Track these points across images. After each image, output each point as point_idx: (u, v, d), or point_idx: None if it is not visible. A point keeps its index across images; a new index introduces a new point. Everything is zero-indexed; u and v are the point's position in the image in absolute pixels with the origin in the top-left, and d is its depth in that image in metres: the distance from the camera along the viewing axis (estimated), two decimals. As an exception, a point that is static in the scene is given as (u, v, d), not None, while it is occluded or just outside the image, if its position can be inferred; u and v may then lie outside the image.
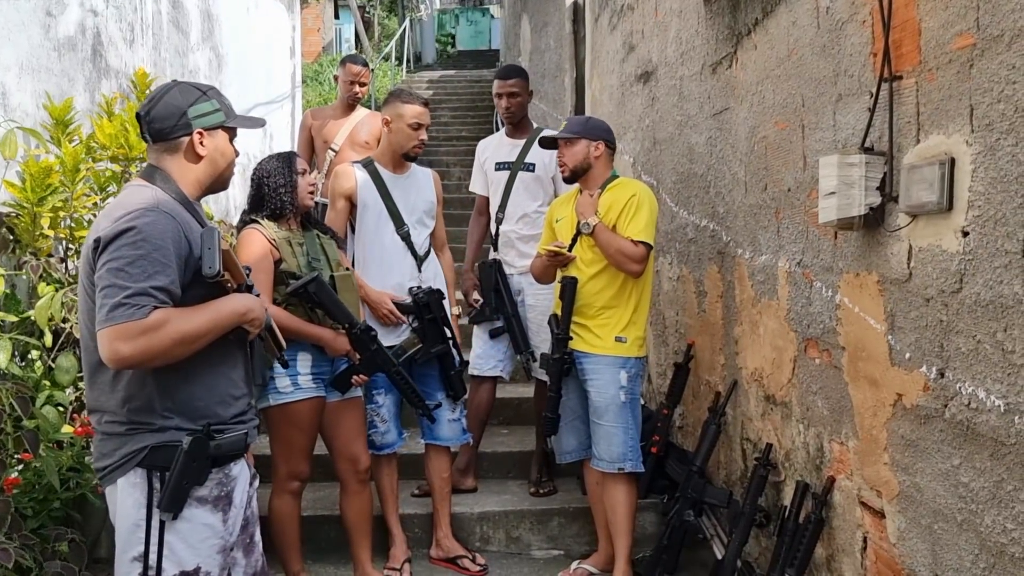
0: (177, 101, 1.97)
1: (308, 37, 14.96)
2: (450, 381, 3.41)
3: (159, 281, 1.78)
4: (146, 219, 1.81)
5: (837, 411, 2.59)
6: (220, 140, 2.02)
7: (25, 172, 3.09)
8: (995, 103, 1.81)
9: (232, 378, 2.00)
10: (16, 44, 3.37)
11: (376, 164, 3.46)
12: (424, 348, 3.34)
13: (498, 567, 3.57)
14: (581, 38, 6.85)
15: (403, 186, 3.46)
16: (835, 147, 2.49)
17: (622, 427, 3.18)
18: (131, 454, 1.87)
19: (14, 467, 2.73)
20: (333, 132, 4.74)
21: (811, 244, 2.71)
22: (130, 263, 1.76)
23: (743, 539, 2.99)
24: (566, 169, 3.26)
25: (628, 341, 3.21)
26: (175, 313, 1.80)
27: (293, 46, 8.46)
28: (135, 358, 1.76)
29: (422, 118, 3.38)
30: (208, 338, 1.86)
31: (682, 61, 3.94)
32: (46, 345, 2.98)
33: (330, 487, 3.88)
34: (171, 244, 1.81)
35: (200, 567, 1.91)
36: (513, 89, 3.96)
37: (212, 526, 1.93)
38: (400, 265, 3.42)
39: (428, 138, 3.48)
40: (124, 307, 1.73)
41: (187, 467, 1.85)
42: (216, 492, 1.94)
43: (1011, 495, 1.80)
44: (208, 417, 1.92)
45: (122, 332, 1.73)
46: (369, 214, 3.40)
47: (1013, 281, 1.77)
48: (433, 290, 3.38)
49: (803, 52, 2.71)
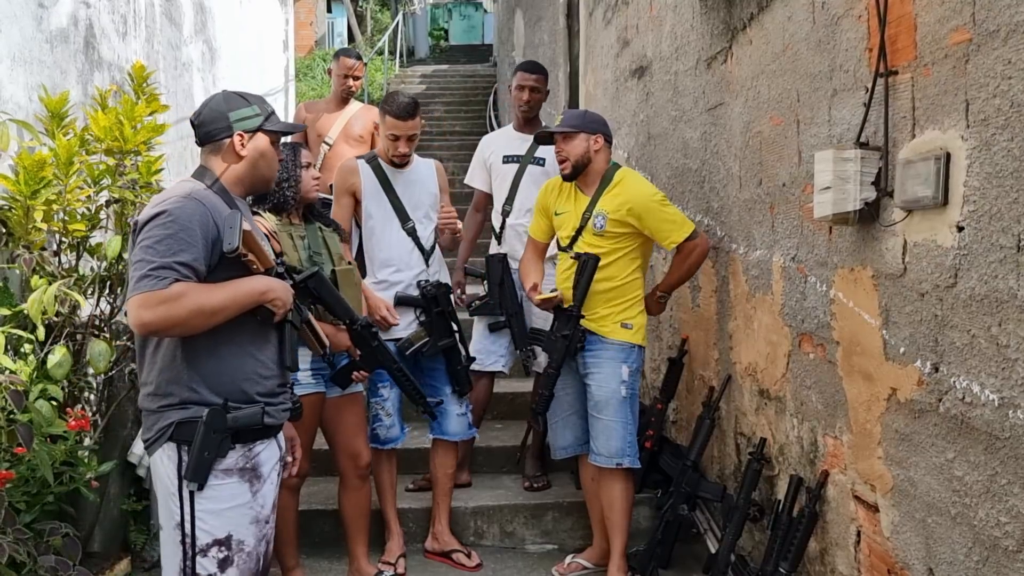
0: (221, 107, 2.16)
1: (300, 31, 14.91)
2: (456, 376, 3.41)
3: (183, 257, 1.93)
4: (177, 204, 1.98)
5: (831, 405, 2.60)
6: (260, 142, 2.17)
7: (18, 165, 3.07)
8: (991, 98, 1.82)
9: (260, 358, 2.10)
10: (8, 36, 3.35)
11: (379, 159, 3.45)
12: (431, 342, 3.34)
13: (492, 561, 3.57)
14: (575, 33, 6.84)
15: (406, 181, 3.44)
16: (830, 142, 2.49)
17: (621, 422, 3.16)
18: (163, 429, 2.02)
19: (7, 461, 2.72)
20: (327, 126, 4.73)
21: (805, 239, 2.72)
22: (158, 241, 1.93)
23: (737, 533, 3.00)
24: (567, 165, 3.21)
25: (634, 328, 3.19)
26: (195, 287, 1.94)
27: (286, 39, 8.44)
28: (155, 324, 1.91)
29: (397, 130, 3.31)
30: (227, 312, 1.99)
31: (677, 56, 3.94)
32: (39, 339, 2.96)
33: (325, 482, 3.88)
34: (198, 226, 1.97)
35: (232, 535, 2.03)
36: (537, 84, 4.00)
37: (239, 496, 2.04)
38: (407, 260, 3.41)
39: (420, 131, 3.45)
40: (148, 278, 1.90)
41: (207, 438, 1.98)
42: (241, 464, 2.05)
43: (1005, 489, 1.81)
44: (232, 393, 2.04)
45: (145, 300, 1.89)
46: (374, 210, 3.39)
47: (1008, 276, 1.78)
48: (441, 284, 3.38)
49: (798, 47, 2.71)
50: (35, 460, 2.73)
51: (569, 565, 3.41)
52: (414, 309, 3.37)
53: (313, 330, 2.32)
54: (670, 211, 3.17)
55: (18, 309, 3.00)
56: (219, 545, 2.02)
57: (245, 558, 2.05)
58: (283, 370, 2.18)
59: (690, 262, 3.24)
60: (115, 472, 3.31)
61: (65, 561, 2.65)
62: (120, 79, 4.16)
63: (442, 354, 3.39)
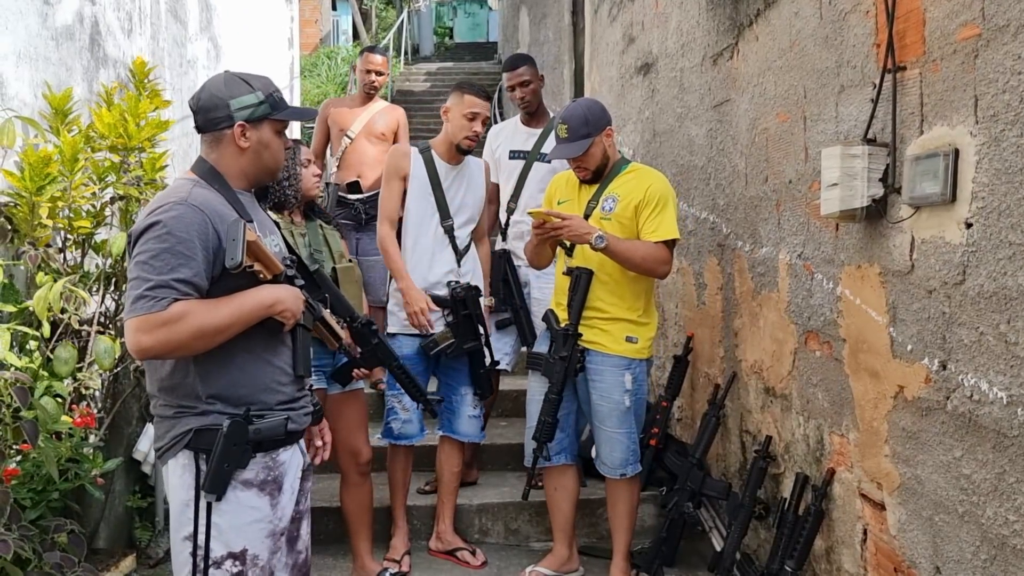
0: (221, 92, 1.98)
1: (305, 28, 14.91)
2: (478, 379, 3.40)
3: (182, 273, 1.80)
4: (172, 213, 1.83)
5: (837, 403, 2.58)
6: (265, 133, 2.01)
7: (24, 161, 3.07)
8: (1000, 93, 1.81)
9: (277, 365, 2.00)
10: (14, 33, 3.35)
11: (432, 151, 3.43)
12: (456, 343, 3.31)
13: (497, 559, 3.57)
14: (580, 30, 6.83)
15: (455, 178, 3.42)
16: (837, 139, 2.48)
17: (625, 432, 3.10)
18: (179, 436, 1.91)
19: (13, 458, 2.72)
20: (349, 120, 4.75)
21: (812, 236, 2.70)
22: (154, 256, 1.80)
23: (742, 531, 2.99)
24: (588, 173, 3.07)
25: (639, 342, 3.07)
26: (197, 306, 1.81)
27: (291, 37, 8.43)
28: (155, 349, 1.79)
29: (477, 108, 3.33)
30: (232, 330, 1.87)
31: (683, 52, 3.93)
32: (44, 336, 2.96)
33: (328, 479, 3.87)
34: (196, 237, 1.82)
35: (247, 549, 1.93)
36: (524, 78, 3.90)
37: (259, 509, 1.95)
38: (440, 257, 3.39)
39: (425, 128, 3.46)
40: (145, 299, 1.77)
41: (227, 450, 1.87)
42: (263, 476, 1.95)
43: (1013, 487, 1.80)
44: (252, 403, 1.93)
45: (143, 324, 1.77)
46: (417, 201, 3.37)
47: (1017, 273, 1.77)
48: (471, 286, 3.35)
49: (805, 43, 2.70)
50: (40, 457, 2.73)
51: (530, 575, 3.30)
52: (441, 309, 3.35)
53: (328, 326, 2.23)
54: (669, 211, 3.02)
55: (24, 306, 3.00)
56: (233, 559, 1.92)
57: (259, 572, 1.96)
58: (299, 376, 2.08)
59: (648, 261, 2.96)
60: (120, 469, 3.31)
61: (70, 558, 2.65)
62: (125, 76, 4.16)
63: (466, 356, 3.37)
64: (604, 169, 3.09)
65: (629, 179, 3.08)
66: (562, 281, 3.16)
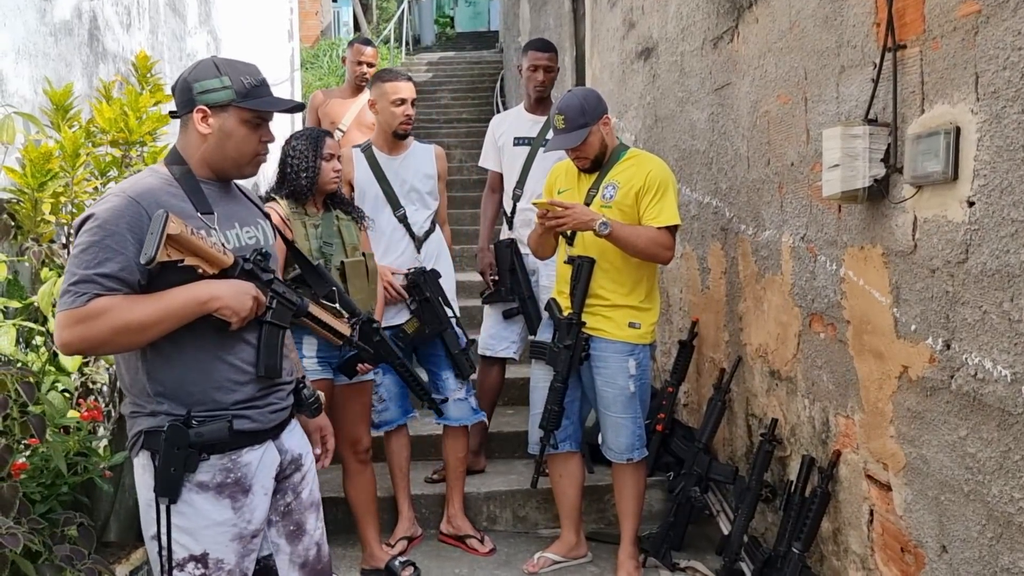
0: (188, 75, 1.90)
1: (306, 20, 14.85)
2: (456, 360, 3.41)
3: (107, 268, 1.72)
4: (106, 205, 1.77)
5: (842, 385, 2.58)
6: (229, 121, 1.88)
7: (25, 158, 3.07)
8: (1001, 70, 1.79)
9: (232, 363, 1.89)
10: (12, 29, 3.35)
11: (373, 148, 3.47)
12: (420, 328, 3.36)
13: (505, 546, 3.58)
14: (581, 16, 6.80)
15: (399, 167, 3.45)
16: (838, 119, 2.47)
17: (631, 417, 3.11)
18: (135, 436, 1.89)
19: (21, 452, 2.73)
20: (340, 113, 4.75)
21: (815, 218, 2.69)
22: (83, 250, 1.74)
23: (749, 514, 2.99)
24: (587, 162, 3.07)
25: (642, 327, 3.07)
26: (119, 301, 1.73)
27: (291, 29, 8.41)
28: (74, 345, 1.73)
29: (403, 92, 3.37)
30: (162, 327, 1.77)
31: (683, 37, 3.91)
32: (50, 331, 2.97)
33: (334, 470, 3.88)
34: (127, 230, 1.74)
35: (208, 553, 1.87)
36: (550, 63, 3.91)
37: (218, 512, 1.87)
38: (398, 247, 3.43)
39: (427, 119, 3.46)
40: (67, 294, 1.72)
41: (169, 454, 1.81)
42: (220, 479, 1.87)
43: (1018, 465, 1.80)
44: (203, 403, 1.85)
45: (64, 319, 1.71)
46: (367, 198, 3.40)
47: (1020, 250, 1.76)
48: (426, 270, 3.38)
49: (805, 24, 2.68)
50: (48, 451, 2.74)
51: (539, 560, 3.35)
52: (405, 299, 3.38)
53: (319, 321, 2.13)
54: (670, 196, 3.01)
55: (28, 301, 3.01)
56: (195, 561, 1.86)
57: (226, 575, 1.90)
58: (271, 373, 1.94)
59: (651, 246, 2.96)
60: (129, 462, 3.33)
61: (80, 551, 2.66)
62: (125, 71, 4.16)
63: (439, 339, 3.39)
64: (603, 157, 3.08)
65: (628, 166, 3.07)
66: (564, 270, 3.16)
